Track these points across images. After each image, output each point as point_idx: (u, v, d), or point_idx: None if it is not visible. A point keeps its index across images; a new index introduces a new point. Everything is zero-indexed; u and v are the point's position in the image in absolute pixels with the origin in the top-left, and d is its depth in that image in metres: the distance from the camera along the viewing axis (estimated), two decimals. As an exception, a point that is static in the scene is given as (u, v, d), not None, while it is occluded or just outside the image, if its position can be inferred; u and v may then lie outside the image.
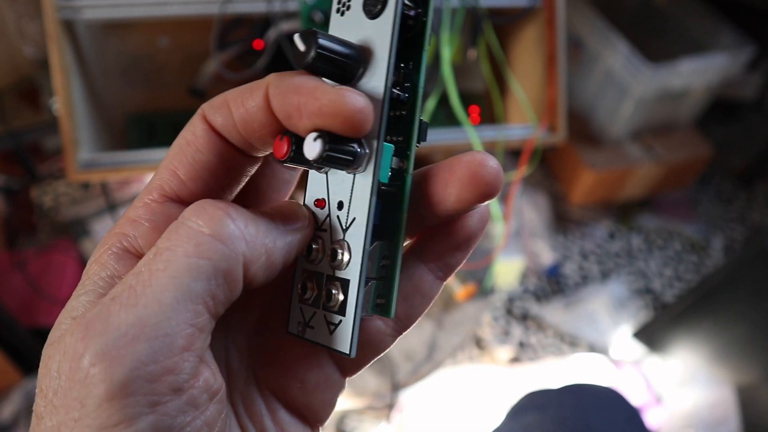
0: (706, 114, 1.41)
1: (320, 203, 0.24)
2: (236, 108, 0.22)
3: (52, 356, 0.19)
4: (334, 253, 0.23)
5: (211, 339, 0.20)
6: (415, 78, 0.23)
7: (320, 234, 0.24)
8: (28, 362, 1.02)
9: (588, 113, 1.37)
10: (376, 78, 0.22)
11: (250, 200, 0.26)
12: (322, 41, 0.21)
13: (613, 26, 1.24)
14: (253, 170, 0.25)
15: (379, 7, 0.22)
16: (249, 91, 0.22)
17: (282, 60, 0.68)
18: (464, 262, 0.26)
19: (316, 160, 0.21)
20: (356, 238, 0.22)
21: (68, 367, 0.18)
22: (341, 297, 0.23)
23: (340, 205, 0.23)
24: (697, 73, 1.23)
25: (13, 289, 1.06)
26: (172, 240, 0.20)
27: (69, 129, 0.64)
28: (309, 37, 0.21)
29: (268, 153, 0.24)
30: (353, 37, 0.22)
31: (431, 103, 0.71)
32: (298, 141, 0.21)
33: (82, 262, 1.14)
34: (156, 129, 0.76)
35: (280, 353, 0.25)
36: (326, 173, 0.24)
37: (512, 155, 0.82)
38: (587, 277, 1.34)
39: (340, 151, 0.21)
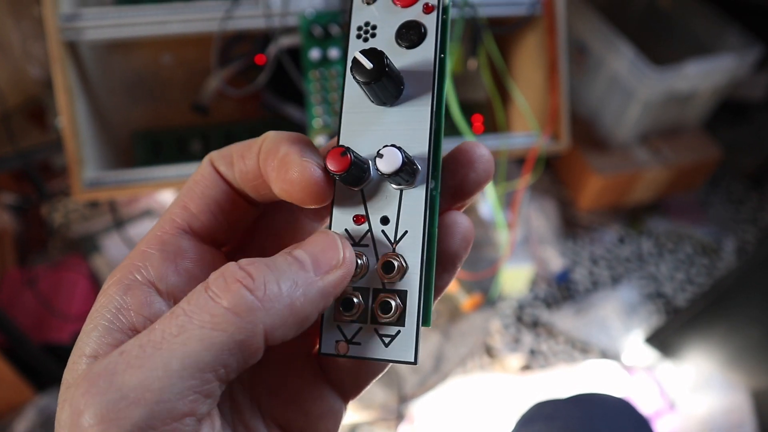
0: (714, 116, 1.40)
1: (360, 219, 0.24)
2: (237, 161, 0.24)
3: (64, 405, 0.19)
4: (388, 266, 0.23)
5: None
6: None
7: (362, 250, 0.24)
8: (40, 379, 1.02)
9: (594, 118, 1.36)
10: (422, 100, 0.24)
11: (272, 249, 0.26)
12: (389, 62, 0.23)
13: (618, 30, 1.24)
14: (255, 214, 0.26)
15: (416, 39, 0.24)
16: (248, 148, 0.24)
17: (282, 75, 0.69)
18: (451, 282, 0.26)
19: (395, 171, 0.22)
20: (411, 250, 0.24)
21: (70, 421, 0.18)
22: (400, 308, 0.23)
23: (385, 220, 0.24)
24: (704, 75, 1.22)
25: (25, 305, 1.07)
26: (191, 305, 0.20)
27: (73, 149, 0.64)
28: (376, 56, 0.23)
29: (267, 202, 0.25)
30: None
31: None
32: (356, 156, 0.23)
33: (93, 278, 1.14)
34: (162, 145, 0.77)
35: (283, 385, 0.25)
36: (362, 190, 0.24)
37: (516, 164, 0.82)
38: (597, 282, 1.33)
39: (410, 163, 0.23)
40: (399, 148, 0.22)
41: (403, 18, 0.24)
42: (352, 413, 0.70)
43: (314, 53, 0.66)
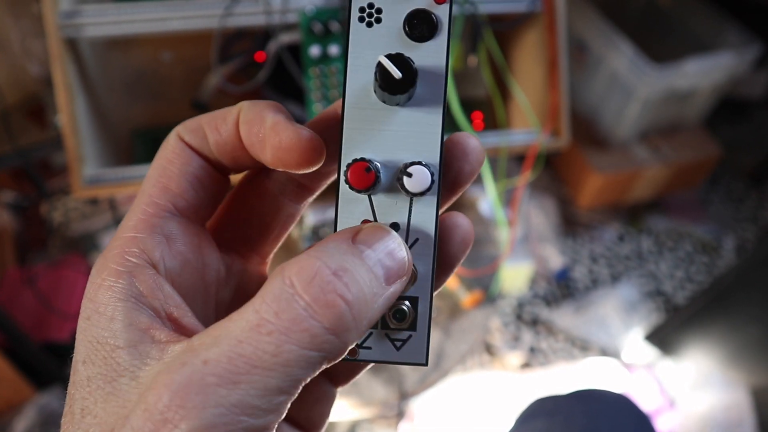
0: (714, 114, 1.40)
1: None
2: (210, 132, 0.24)
3: (134, 409, 0.19)
4: None
5: None
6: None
7: None
8: (40, 378, 1.02)
9: (594, 116, 1.36)
10: (432, 103, 0.23)
11: (255, 233, 0.27)
12: (418, 70, 0.22)
13: (618, 28, 1.24)
14: (228, 185, 0.26)
15: (428, 33, 0.23)
16: (222, 118, 0.23)
17: (282, 72, 0.69)
18: (446, 282, 0.26)
19: (424, 191, 0.22)
20: (423, 257, 0.23)
21: (154, 428, 0.18)
22: (412, 314, 0.23)
23: (395, 227, 0.23)
24: (703, 73, 1.22)
25: (25, 304, 1.07)
26: (283, 319, 0.18)
27: (73, 146, 0.64)
28: (405, 65, 0.22)
29: (242, 172, 0.26)
30: (387, 52, 0.23)
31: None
32: (378, 172, 0.22)
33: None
34: (161, 143, 0.77)
35: None
36: (370, 195, 0.24)
37: (516, 160, 0.82)
38: (597, 280, 1.33)
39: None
40: (426, 166, 0.22)
41: (412, 5, 0.22)
42: (353, 410, 0.70)
43: (314, 50, 0.66)
